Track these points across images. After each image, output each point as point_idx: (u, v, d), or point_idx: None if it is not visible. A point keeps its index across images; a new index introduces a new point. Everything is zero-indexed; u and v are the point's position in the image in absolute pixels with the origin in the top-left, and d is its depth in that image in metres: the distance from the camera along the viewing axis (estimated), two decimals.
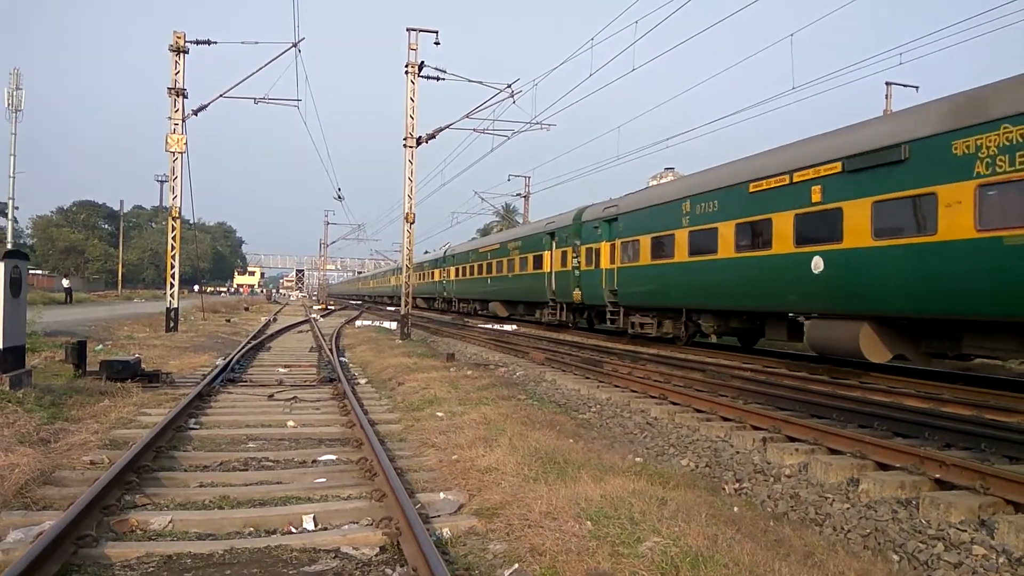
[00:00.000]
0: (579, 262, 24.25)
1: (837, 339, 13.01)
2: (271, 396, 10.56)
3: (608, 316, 22.48)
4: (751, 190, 15.17)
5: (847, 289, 12.65)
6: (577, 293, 24.56)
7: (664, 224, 18.80)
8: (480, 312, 39.80)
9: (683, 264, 17.81)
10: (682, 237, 17.89)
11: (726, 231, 16.08)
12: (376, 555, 4.52)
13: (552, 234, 27.59)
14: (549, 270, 27.69)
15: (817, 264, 13.21)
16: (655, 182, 22.10)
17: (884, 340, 12.40)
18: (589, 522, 4.57)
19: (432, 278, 51.54)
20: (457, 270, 43.47)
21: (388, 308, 52.18)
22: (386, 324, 30.87)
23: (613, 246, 21.76)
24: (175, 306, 22.90)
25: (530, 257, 29.97)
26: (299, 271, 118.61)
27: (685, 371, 13.81)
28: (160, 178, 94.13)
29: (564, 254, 25.95)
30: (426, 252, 58.01)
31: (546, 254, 28.09)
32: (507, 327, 29.98)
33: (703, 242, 16.97)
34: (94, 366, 11.39)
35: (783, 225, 14.17)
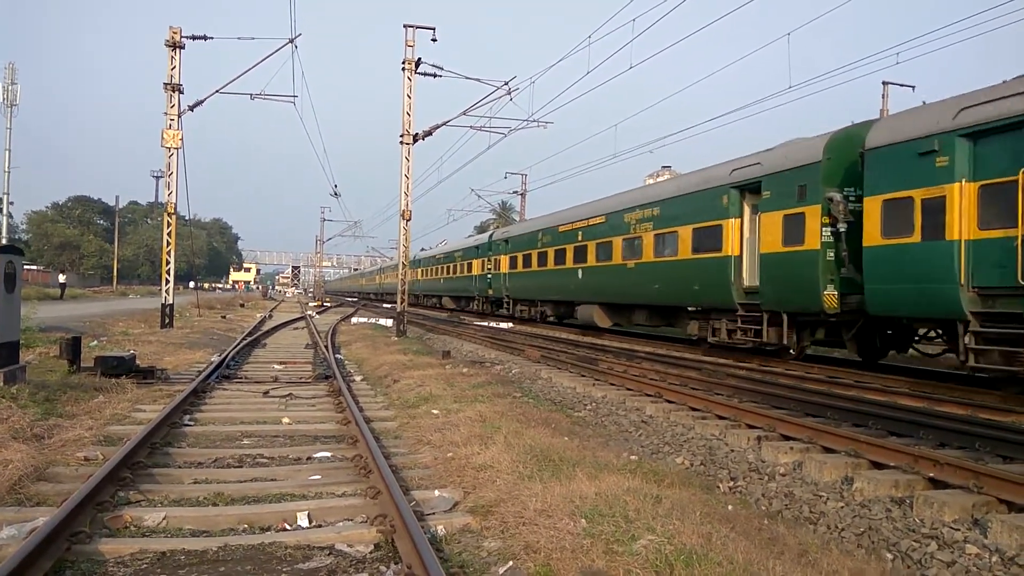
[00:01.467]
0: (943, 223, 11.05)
1: None
2: (266, 393, 10.54)
3: None
4: None
5: None
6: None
7: None
8: (548, 319, 29.23)
9: None
10: None
11: None
12: (370, 552, 4.52)
13: (752, 185, 15.74)
14: (732, 251, 16.14)
15: None
16: (652, 180, 21.99)
17: None
18: (584, 520, 4.57)
19: (466, 271, 38.95)
20: (515, 259, 31.09)
21: (385, 306, 50.67)
22: (382, 321, 30.85)
23: None
24: (170, 302, 22.85)
25: (684, 233, 17.94)
26: (295, 268, 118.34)
27: (681, 369, 13.82)
28: (156, 174, 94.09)
29: (827, 218, 13.51)
30: (422, 249, 57.56)
31: (728, 224, 16.35)
32: (503, 325, 29.90)
33: None
34: (89, 362, 11.36)
35: None
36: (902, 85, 27.97)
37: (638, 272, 20.37)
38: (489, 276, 34.64)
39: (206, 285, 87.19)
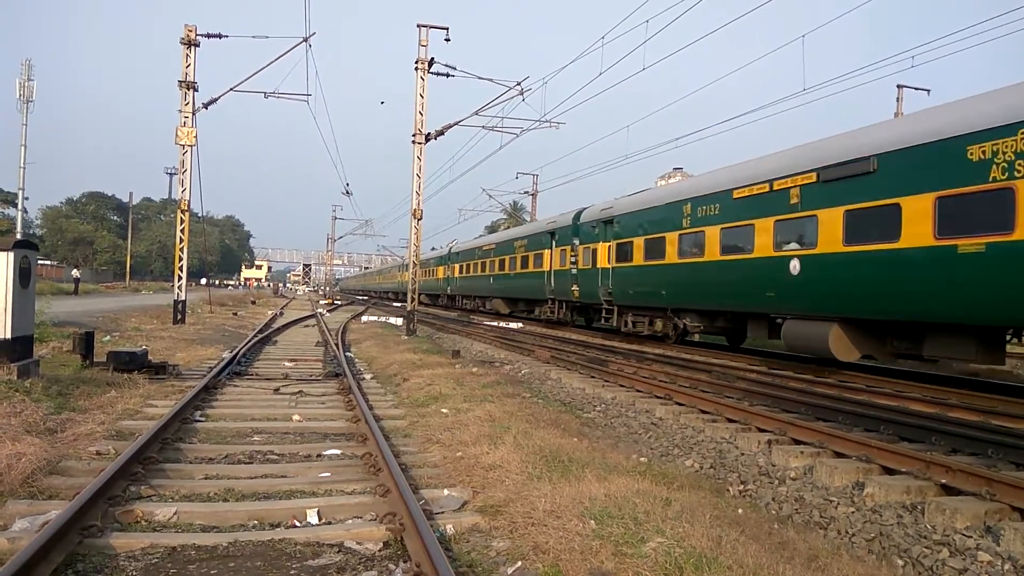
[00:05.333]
0: None
1: None
2: (277, 390, 10.58)
3: None
4: None
5: None
6: None
7: None
8: None
9: None
10: None
11: None
12: (379, 550, 4.53)
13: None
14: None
15: None
16: (663, 182, 21.96)
17: None
18: (593, 521, 4.57)
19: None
20: None
21: (396, 305, 49.86)
22: (392, 320, 30.92)
23: None
24: (183, 298, 22.99)
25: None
26: (306, 265, 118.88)
27: (691, 372, 13.78)
28: (169, 171, 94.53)
29: None
30: (433, 248, 57.47)
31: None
32: (513, 325, 29.89)
33: None
34: (101, 357, 11.44)
35: None
36: (917, 88, 27.82)
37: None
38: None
39: (218, 282, 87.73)
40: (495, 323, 30.46)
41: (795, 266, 13.67)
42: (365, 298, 78.80)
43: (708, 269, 16.62)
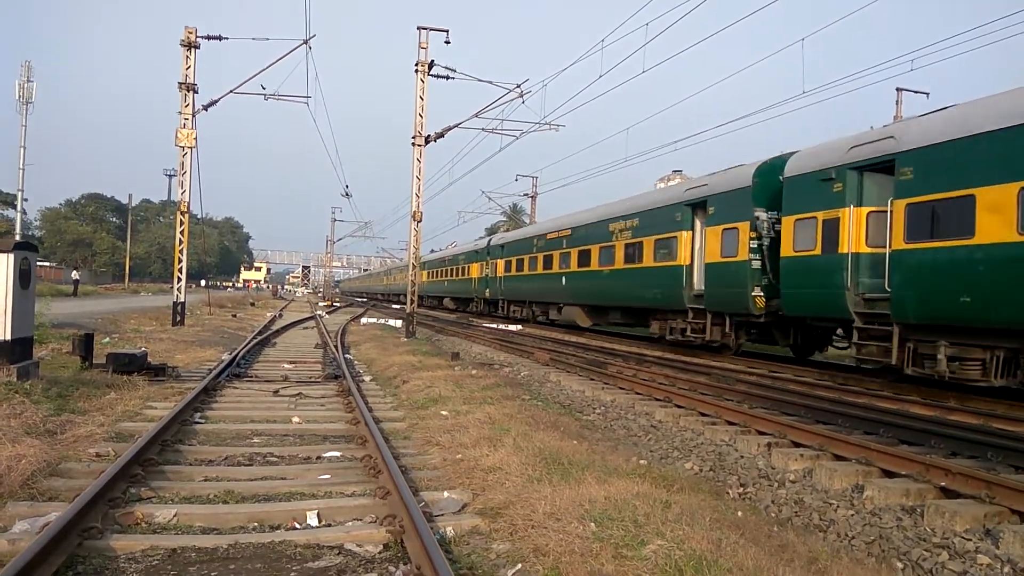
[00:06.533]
0: None
1: None
2: (276, 392, 10.57)
3: None
4: None
5: None
6: None
7: None
8: None
9: None
10: None
11: None
12: (379, 552, 4.53)
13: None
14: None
15: None
16: (663, 184, 21.98)
17: None
18: (593, 524, 4.57)
19: None
20: None
21: (394, 307, 50.05)
22: (391, 322, 30.92)
23: None
24: (182, 300, 22.97)
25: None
26: (305, 267, 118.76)
27: (690, 374, 13.79)
28: (169, 172, 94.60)
29: None
30: (433, 251, 57.47)
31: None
32: (512, 327, 29.88)
33: None
34: (101, 359, 11.42)
35: None
36: (916, 92, 27.83)
37: None
38: None
39: (217, 283, 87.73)
40: (494, 325, 30.43)
41: None
42: (365, 300, 78.82)
43: None
